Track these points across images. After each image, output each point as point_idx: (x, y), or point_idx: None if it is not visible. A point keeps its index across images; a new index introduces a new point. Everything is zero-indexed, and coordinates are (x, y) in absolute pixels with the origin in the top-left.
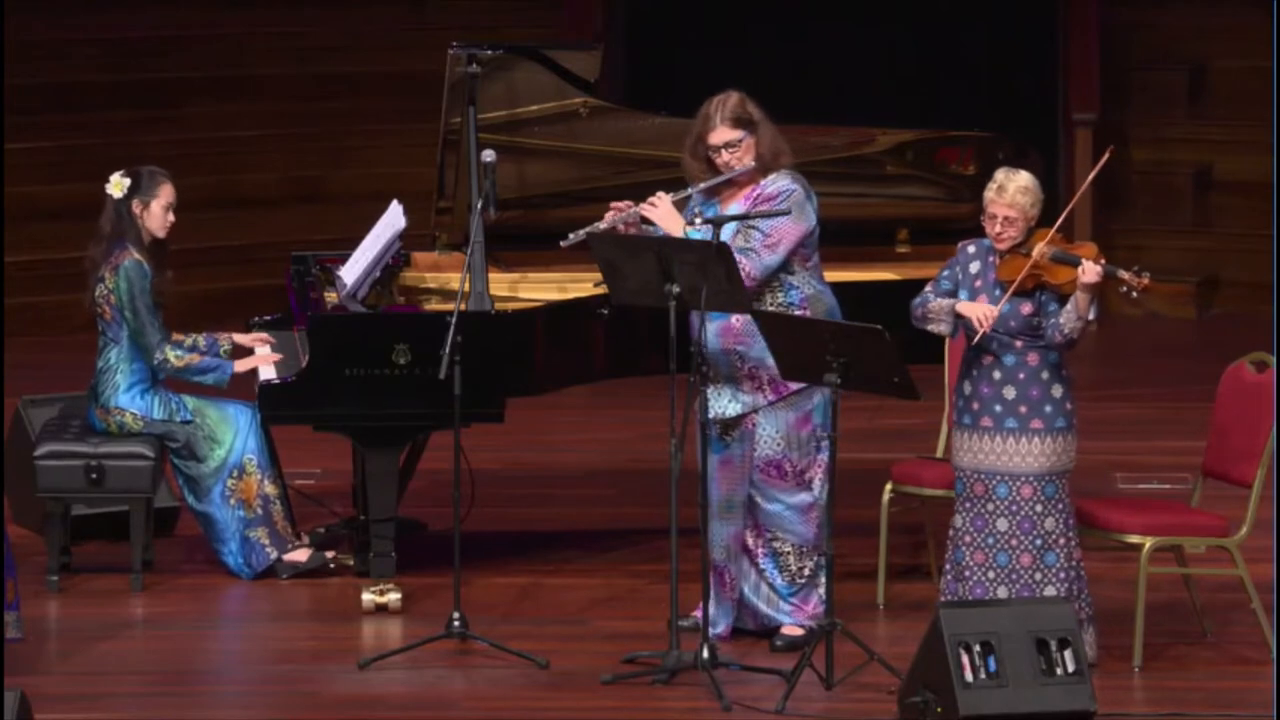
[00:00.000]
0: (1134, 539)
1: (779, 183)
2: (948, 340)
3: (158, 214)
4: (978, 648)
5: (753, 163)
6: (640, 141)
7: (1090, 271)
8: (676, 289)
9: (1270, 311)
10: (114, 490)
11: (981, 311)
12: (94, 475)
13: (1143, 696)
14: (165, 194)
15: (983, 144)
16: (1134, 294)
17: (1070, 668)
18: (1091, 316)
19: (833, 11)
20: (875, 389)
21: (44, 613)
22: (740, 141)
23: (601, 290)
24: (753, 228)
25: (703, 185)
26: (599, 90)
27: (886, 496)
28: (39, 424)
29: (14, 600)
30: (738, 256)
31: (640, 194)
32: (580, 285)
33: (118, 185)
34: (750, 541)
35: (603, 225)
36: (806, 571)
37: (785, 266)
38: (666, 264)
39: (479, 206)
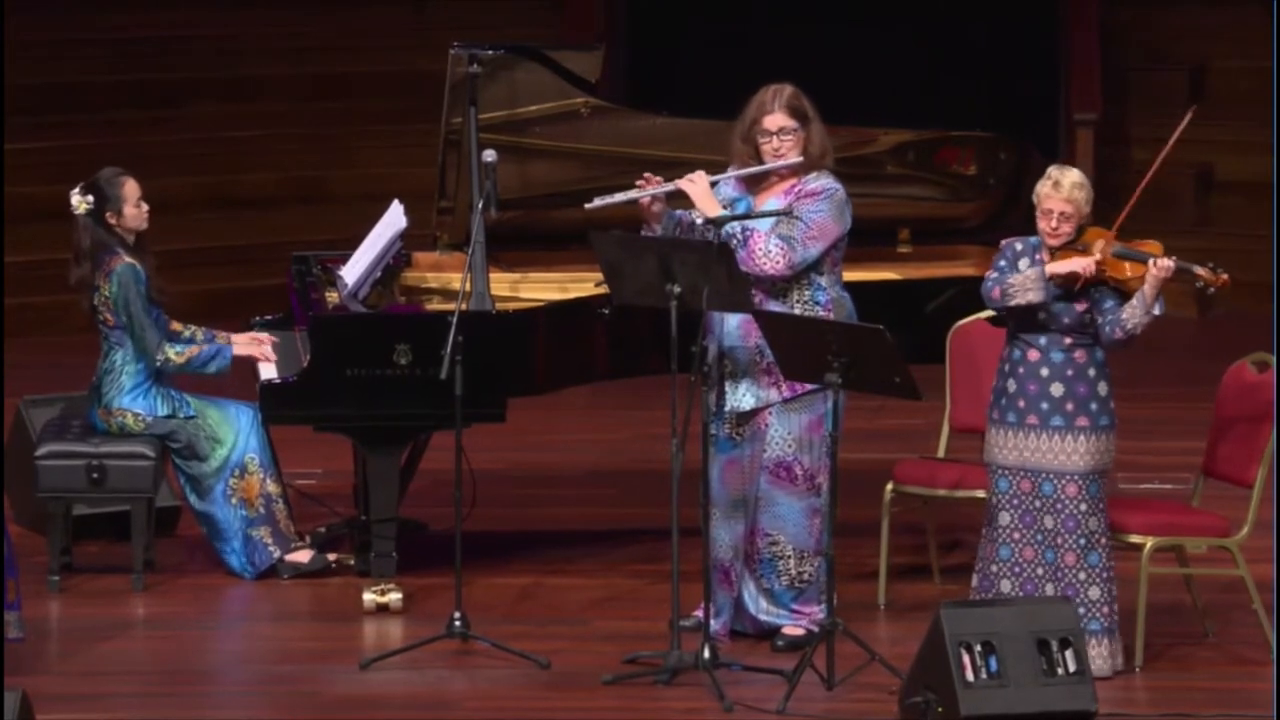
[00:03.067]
0: (1135, 539)
1: (821, 180)
2: (949, 340)
3: (132, 214)
4: (979, 648)
5: (799, 157)
6: (641, 142)
7: (1163, 267)
8: (678, 289)
9: (1271, 311)
10: (115, 490)
11: (1083, 263)
12: (95, 475)
13: (1144, 697)
14: (130, 192)
15: (983, 144)
16: (1210, 290)
17: (1071, 668)
18: (1158, 311)
19: (833, 11)
20: (876, 389)
21: (45, 613)
22: (794, 131)
23: (603, 290)
24: (797, 218)
25: (744, 171)
26: (600, 90)
27: (888, 497)
28: (40, 424)
29: (15, 600)
30: (779, 243)
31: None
32: (582, 285)
33: (81, 203)
34: (748, 545)
35: (632, 194)
36: (807, 575)
37: (816, 266)
38: (668, 264)
39: (480, 206)
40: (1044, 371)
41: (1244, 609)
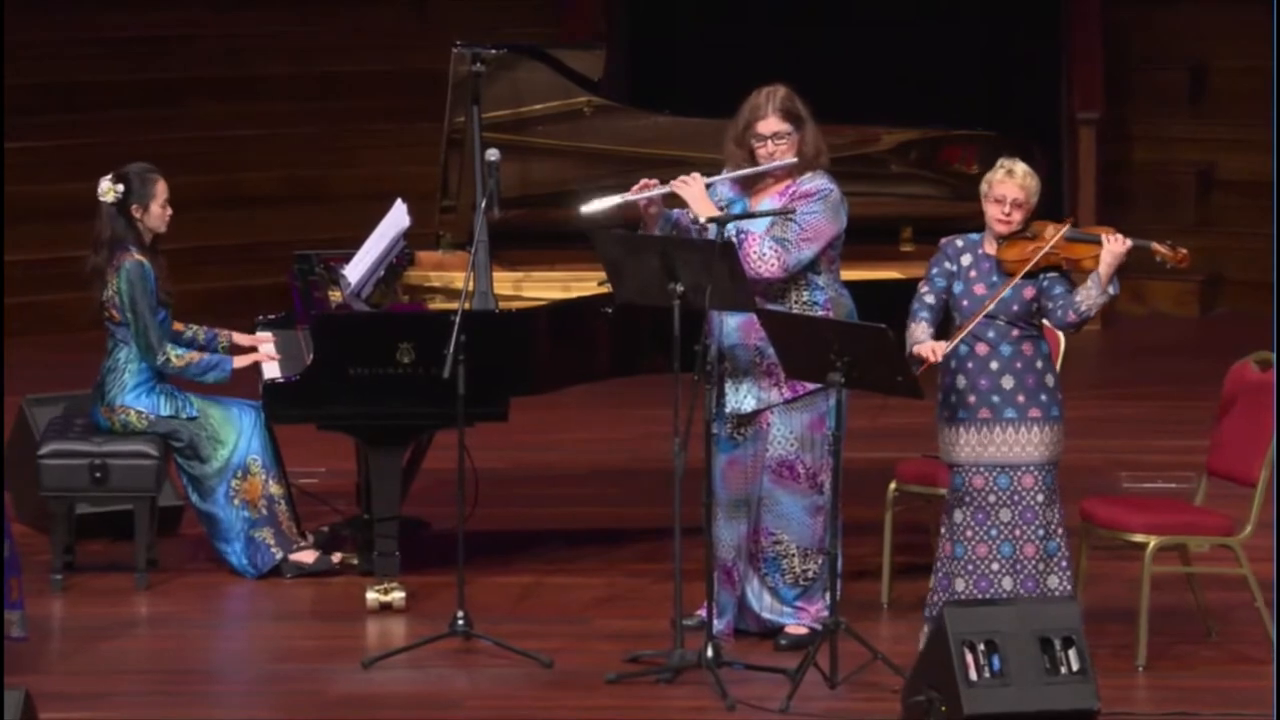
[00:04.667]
0: (1138, 538)
1: (815, 180)
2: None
3: (157, 213)
4: (982, 646)
5: (794, 158)
6: (643, 140)
7: (1120, 242)
8: (680, 288)
9: (1271, 311)
10: (118, 489)
11: (929, 347)
12: (98, 474)
13: (1146, 695)
14: (161, 192)
15: (985, 143)
16: (1169, 265)
17: (1074, 667)
18: (1113, 290)
19: (834, 12)
20: (879, 388)
21: (48, 611)
22: (788, 135)
23: (605, 289)
24: (790, 220)
25: (739, 173)
26: (602, 89)
27: (890, 495)
28: (43, 423)
29: (18, 599)
30: (773, 245)
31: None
32: (584, 284)
33: (110, 190)
34: (752, 544)
35: (629, 198)
36: (811, 574)
37: (813, 266)
38: (670, 263)
39: (483, 205)
40: (994, 365)
41: (1247, 608)
